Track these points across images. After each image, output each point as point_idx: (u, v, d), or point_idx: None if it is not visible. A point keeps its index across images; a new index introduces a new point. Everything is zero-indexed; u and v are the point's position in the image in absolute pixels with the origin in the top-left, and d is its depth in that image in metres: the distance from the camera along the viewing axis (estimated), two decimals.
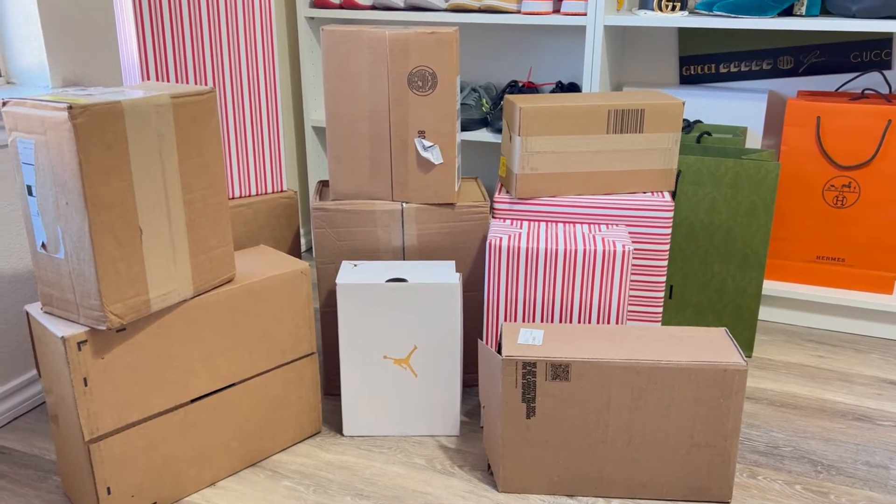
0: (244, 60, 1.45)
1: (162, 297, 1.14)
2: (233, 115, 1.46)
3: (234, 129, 1.47)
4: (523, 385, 1.20)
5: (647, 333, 1.27)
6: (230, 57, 1.43)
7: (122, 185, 1.04)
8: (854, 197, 1.77)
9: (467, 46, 2.25)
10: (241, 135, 1.48)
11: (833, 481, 1.31)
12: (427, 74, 1.37)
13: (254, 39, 1.46)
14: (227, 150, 1.47)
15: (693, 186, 1.64)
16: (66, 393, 1.11)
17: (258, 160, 1.51)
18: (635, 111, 1.41)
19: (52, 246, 1.07)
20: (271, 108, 1.50)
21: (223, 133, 1.46)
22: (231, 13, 1.42)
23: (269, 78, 1.49)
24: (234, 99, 1.46)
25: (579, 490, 1.26)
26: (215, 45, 1.41)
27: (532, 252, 1.34)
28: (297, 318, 1.33)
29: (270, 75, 1.49)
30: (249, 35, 1.45)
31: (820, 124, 1.75)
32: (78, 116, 0.97)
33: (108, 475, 1.15)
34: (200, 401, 1.24)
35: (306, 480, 1.31)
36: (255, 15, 1.44)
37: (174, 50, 1.37)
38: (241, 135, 1.48)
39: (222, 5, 1.40)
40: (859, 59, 1.90)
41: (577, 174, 1.44)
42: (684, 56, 2.05)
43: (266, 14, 1.45)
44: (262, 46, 1.47)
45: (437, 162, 1.42)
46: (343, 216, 1.44)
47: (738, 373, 1.17)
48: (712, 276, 1.68)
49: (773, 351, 1.75)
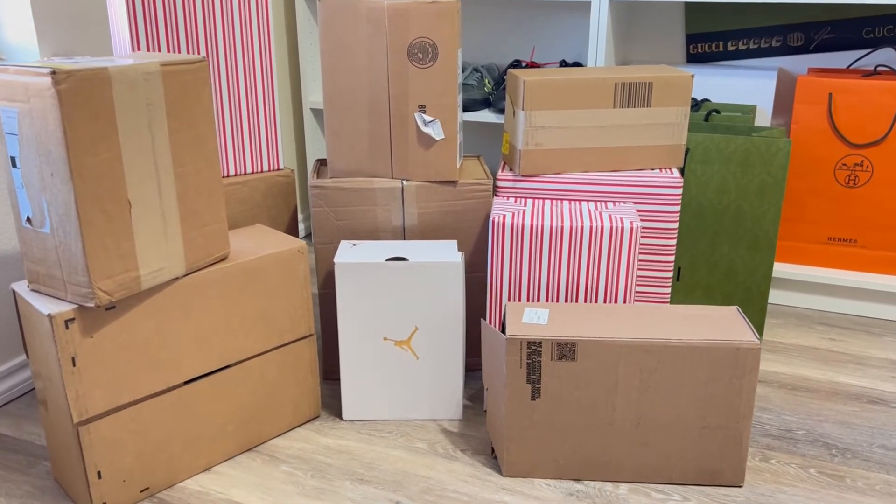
0: (239, 34, 1.41)
1: (153, 274, 1.10)
2: (227, 91, 1.42)
3: (229, 105, 1.43)
4: (528, 365, 1.16)
5: (656, 312, 1.22)
6: (224, 31, 1.39)
7: (109, 156, 1.00)
8: (867, 176, 1.72)
9: (469, 26, 2.20)
10: (236, 111, 1.44)
11: (848, 465, 1.26)
12: (427, 46, 1.32)
13: (248, 12, 1.41)
14: (222, 126, 1.43)
15: (701, 165, 1.60)
16: (54, 374, 1.07)
17: (254, 137, 1.47)
18: (643, 84, 1.37)
19: (38, 220, 1.03)
20: (267, 83, 1.46)
21: (217, 109, 1.41)
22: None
23: (264, 53, 1.44)
24: (229, 74, 1.41)
25: (586, 474, 1.22)
26: (209, 20, 1.37)
27: (536, 230, 1.29)
28: (294, 297, 1.29)
29: (266, 50, 1.44)
30: (244, 8, 1.40)
31: (832, 101, 1.70)
32: (62, 82, 0.93)
33: (99, 459, 1.11)
34: (194, 383, 1.20)
35: (305, 465, 1.27)
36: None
37: (166, 25, 1.32)
38: (235, 111, 1.44)
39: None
40: (872, 34, 1.85)
41: (582, 150, 1.40)
42: (691, 34, 2.00)
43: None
44: (257, 19, 1.42)
45: (439, 138, 1.38)
46: (341, 194, 1.40)
47: (752, 351, 1.13)
48: (721, 257, 1.64)
49: (784, 334, 1.71)
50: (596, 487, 1.21)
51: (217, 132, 1.42)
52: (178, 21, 1.33)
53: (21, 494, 1.20)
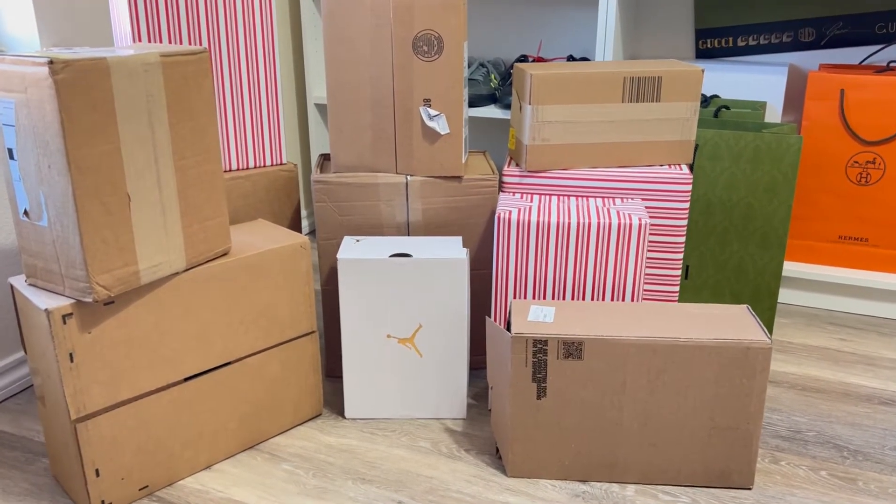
0: (241, 25, 1.39)
1: (152, 269, 1.08)
2: (230, 84, 1.40)
3: (231, 98, 1.41)
4: (534, 364, 1.14)
5: (664, 310, 1.20)
6: (227, 22, 1.37)
7: (108, 148, 0.98)
8: (879, 174, 1.69)
9: (475, 20, 2.17)
10: (239, 103, 1.42)
11: (860, 467, 1.24)
12: (433, 39, 1.30)
13: (251, 3, 1.39)
14: (224, 119, 1.41)
15: (711, 161, 1.57)
16: (52, 369, 1.05)
17: (256, 131, 1.45)
18: (652, 79, 1.34)
19: (35, 213, 1.01)
20: (270, 75, 1.44)
21: (219, 102, 1.39)
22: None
23: (267, 45, 1.42)
24: (231, 66, 1.39)
25: (592, 475, 1.20)
26: (211, 11, 1.35)
27: (543, 226, 1.27)
28: (296, 294, 1.27)
29: (269, 42, 1.42)
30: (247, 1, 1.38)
31: (844, 98, 1.67)
32: (60, 72, 0.91)
33: (97, 456, 1.09)
34: (194, 379, 1.18)
35: (306, 464, 1.25)
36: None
37: (168, 16, 1.30)
38: (238, 103, 1.42)
39: None
40: (885, 29, 1.82)
41: (590, 145, 1.37)
42: (700, 29, 1.97)
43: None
44: (260, 11, 1.40)
45: (444, 132, 1.36)
46: (345, 189, 1.38)
47: (762, 351, 1.11)
48: (730, 255, 1.61)
49: (794, 334, 1.68)
50: (602, 489, 1.19)
51: (219, 125, 1.40)
52: (180, 12, 1.31)
53: (19, 492, 1.18)
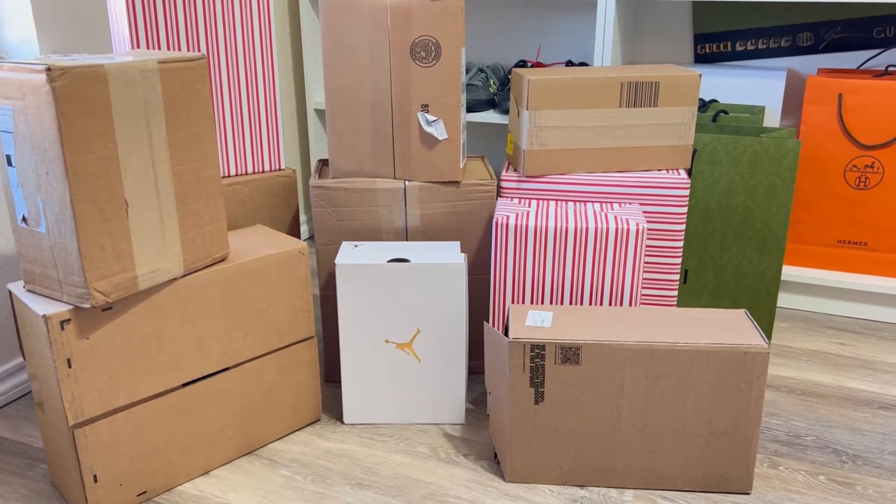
0: (240, 32, 1.39)
1: (150, 275, 1.08)
2: (228, 90, 1.40)
3: (230, 104, 1.41)
4: (531, 369, 1.14)
5: (662, 315, 1.20)
6: (225, 29, 1.37)
7: (106, 155, 0.98)
8: (877, 178, 1.69)
9: (474, 25, 2.18)
10: (237, 109, 1.42)
11: (859, 472, 1.24)
12: (430, 45, 1.30)
13: (249, 10, 1.39)
14: (223, 125, 1.41)
15: (709, 166, 1.57)
16: (50, 375, 1.06)
17: (255, 136, 1.45)
18: (650, 84, 1.34)
19: (33, 219, 1.02)
20: (268, 81, 1.44)
21: (218, 108, 1.40)
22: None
23: (266, 51, 1.43)
24: (230, 72, 1.40)
25: (591, 480, 1.20)
26: (209, 18, 1.35)
27: (541, 231, 1.27)
28: (294, 299, 1.27)
29: (268, 48, 1.43)
30: (245, 6, 1.39)
31: (842, 102, 1.67)
32: (57, 79, 0.92)
33: (95, 462, 1.09)
34: (192, 385, 1.18)
35: (304, 469, 1.25)
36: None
37: (166, 23, 1.31)
38: (236, 109, 1.42)
39: None
40: (883, 34, 1.82)
41: (588, 150, 1.38)
42: (699, 34, 1.98)
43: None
44: (258, 17, 1.40)
45: (442, 137, 1.36)
46: (343, 195, 1.38)
47: (760, 356, 1.11)
48: (729, 260, 1.61)
49: (793, 338, 1.68)
50: (600, 494, 1.19)
51: (217, 131, 1.40)
52: (179, 19, 1.32)
53: (17, 498, 1.18)
